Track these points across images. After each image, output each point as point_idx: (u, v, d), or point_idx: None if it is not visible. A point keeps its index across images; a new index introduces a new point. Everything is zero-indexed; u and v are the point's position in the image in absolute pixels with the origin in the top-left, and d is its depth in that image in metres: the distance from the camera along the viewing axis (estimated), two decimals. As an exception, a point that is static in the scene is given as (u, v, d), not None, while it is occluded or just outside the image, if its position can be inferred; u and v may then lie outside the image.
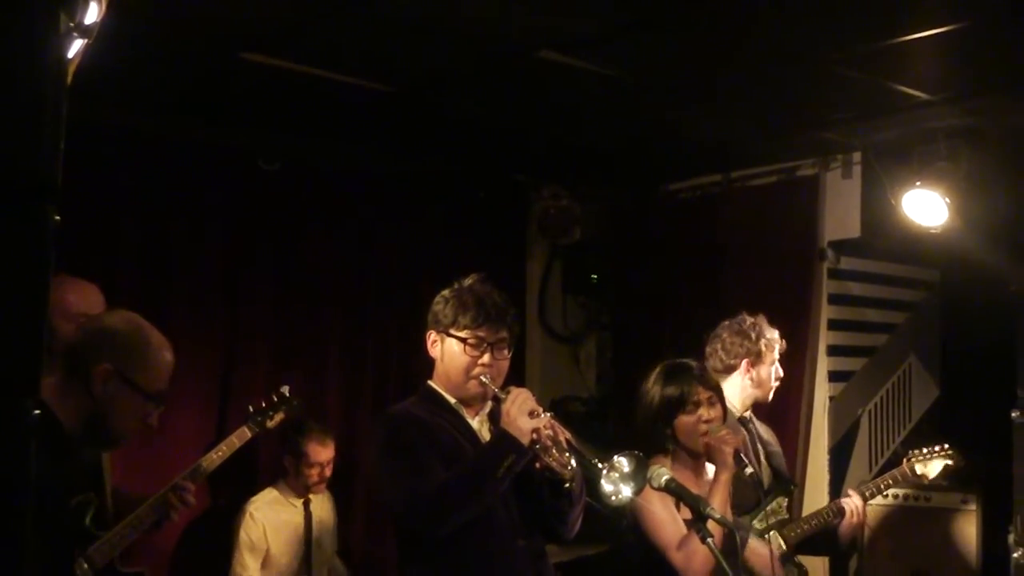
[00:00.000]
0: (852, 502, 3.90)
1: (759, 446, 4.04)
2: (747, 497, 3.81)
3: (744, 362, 4.06)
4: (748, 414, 4.09)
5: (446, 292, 3.05)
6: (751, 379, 4.06)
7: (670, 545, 3.17)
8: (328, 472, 4.81)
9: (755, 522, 3.78)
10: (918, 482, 4.22)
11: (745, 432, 3.94)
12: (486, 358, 2.96)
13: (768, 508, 3.80)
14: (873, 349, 5.92)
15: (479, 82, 4.33)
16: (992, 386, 5.62)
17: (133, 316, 2.54)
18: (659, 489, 2.75)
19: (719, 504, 3.21)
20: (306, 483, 4.75)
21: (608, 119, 4.90)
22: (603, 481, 2.67)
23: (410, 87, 4.37)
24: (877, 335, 5.96)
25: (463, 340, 2.95)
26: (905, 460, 4.09)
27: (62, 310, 3.13)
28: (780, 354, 4.13)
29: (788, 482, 3.97)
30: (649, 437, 3.39)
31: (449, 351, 2.99)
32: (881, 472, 5.67)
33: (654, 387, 3.41)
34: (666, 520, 3.20)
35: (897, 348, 6.09)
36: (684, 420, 3.34)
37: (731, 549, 2.82)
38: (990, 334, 5.66)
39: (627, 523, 3.37)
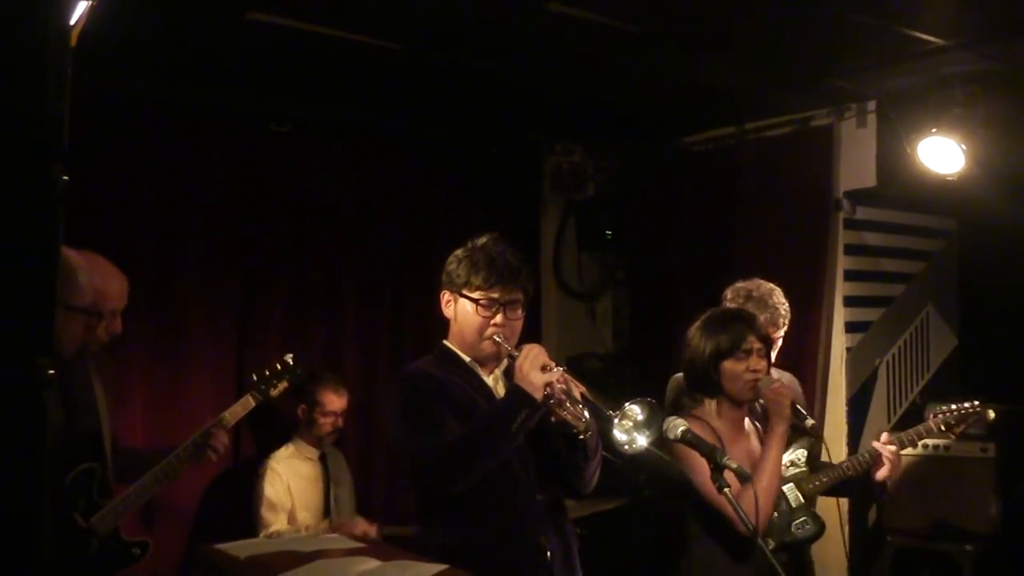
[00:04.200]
0: (887, 449, 3.83)
1: None
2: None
3: None
4: None
5: (459, 252, 3.04)
6: None
7: (724, 500, 3.17)
8: (341, 423, 4.86)
9: None
10: (945, 437, 4.16)
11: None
12: (499, 318, 2.96)
13: (787, 460, 3.80)
14: (890, 299, 5.90)
15: (488, 38, 4.30)
16: (1011, 333, 5.62)
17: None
18: (675, 441, 2.75)
19: (775, 457, 3.21)
20: (319, 433, 4.80)
21: (619, 72, 4.86)
22: (615, 430, 2.67)
23: (419, 44, 4.34)
24: (894, 285, 5.94)
25: (475, 301, 2.95)
26: (932, 416, 4.04)
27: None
28: (778, 329, 4.02)
29: (803, 433, 3.94)
30: (696, 382, 3.40)
31: (462, 311, 2.99)
32: (901, 421, 5.70)
33: (705, 332, 3.40)
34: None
35: (914, 297, 6.07)
36: (731, 367, 3.33)
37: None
38: (1008, 282, 5.64)
39: (675, 472, 3.37)
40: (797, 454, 3.84)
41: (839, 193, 5.44)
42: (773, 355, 3.99)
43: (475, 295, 2.95)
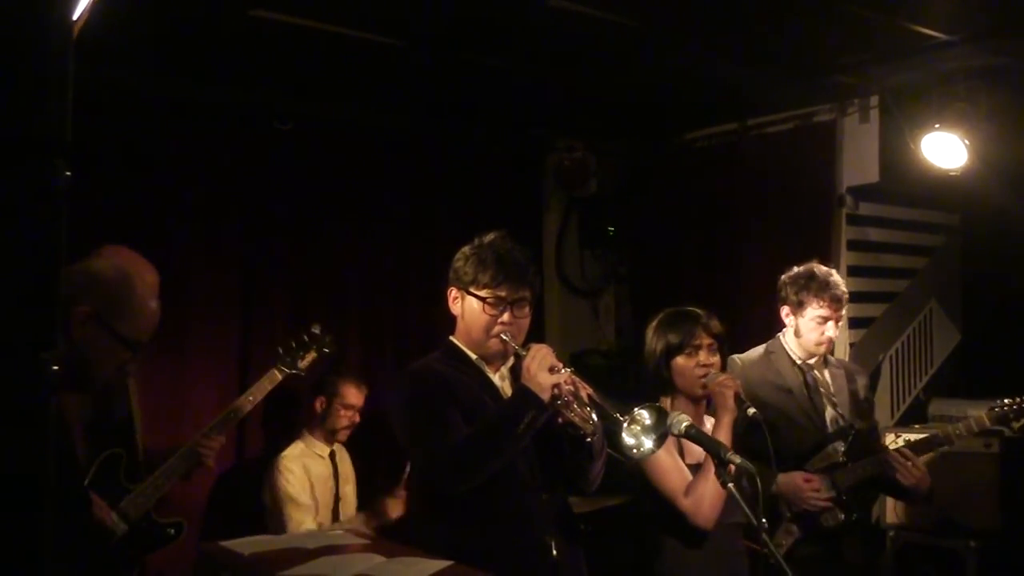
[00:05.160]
0: (899, 458, 3.82)
1: (820, 391, 4.03)
2: (805, 441, 3.82)
3: (786, 308, 4.05)
4: (812, 361, 4.03)
5: (467, 249, 3.03)
6: (792, 329, 4.05)
7: (677, 492, 3.18)
8: (357, 419, 4.85)
9: (807, 465, 3.80)
10: (1004, 428, 4.13)
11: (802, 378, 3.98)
12: (506, 317, 2.95)
13: (822, 453, 3.82)
14: (894, 295, 5.90)
15: (491, 34, 4.30)
16: (1014, 328, 5.61)
17: (121, 260, 2.51)
18: (679, 436, 2.75)
19: None
20: (335, 427, 4.79)
21: (620, 68, 4.85)
22: (624, 434, 2.66)
23: (421, 41, 4.34)
24: (897, 280, 5.94)
25: (483, 299, 2.94)
26: (987, 410, 4.02)
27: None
28: (833, 316, 3.96)
29: (849, 427, 3.94)
30: (651, 380, 3.40)
31: (470, 309, 2.98)
32: (904, 417, 5.70)
33: (657, 330, 3.42)
34: (670, 467, 3.21)
35: (918, 293, 6.06)
36: (681, 363, 3.34)
37: (753, 493, 2.82)
38: (1012, 277, 5.63)
39: (634, 472, 3.38)
40: (834, 445, 3.85)
41: (842, 189, 5.44)
42: (836, 333, 4.00)
43: (483, 293, 2.94)
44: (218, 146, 5.03)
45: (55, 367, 1.32)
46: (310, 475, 4.75)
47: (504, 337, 2.95)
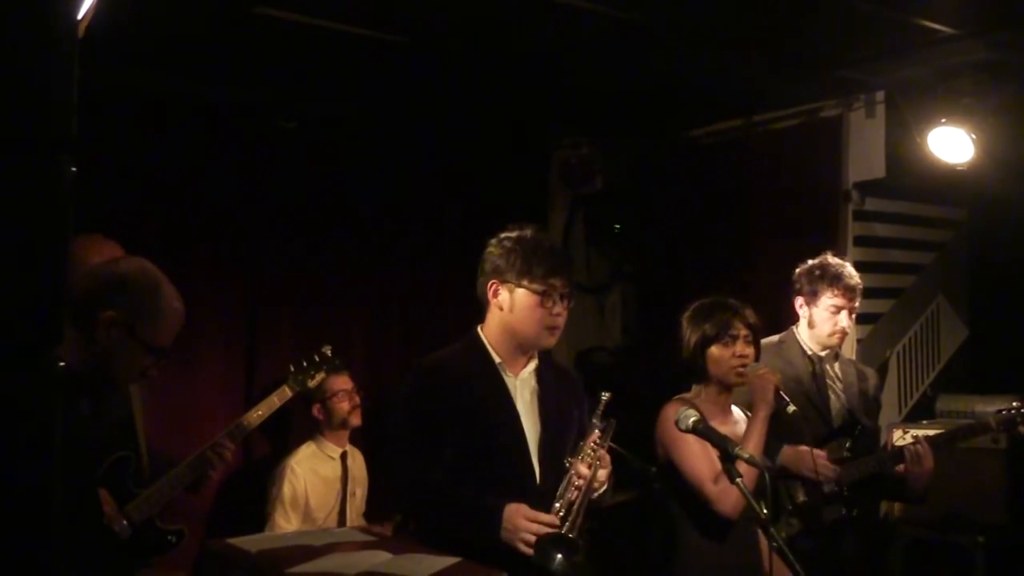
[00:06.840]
0: (915, 448, 3.82)
1: (831, 384, 4.03)
2: (807, 435, 3.82)
3: (800, 299, 4.07)
4: (823, 353, 4.07)
5: (506, 242, 2.98)
6: (806, 319, 4.06)
7: (707, 478, 3.20)
8: (358, 399, 4.85)
9: None
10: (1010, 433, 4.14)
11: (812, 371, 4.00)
12: (558, 308, 2.94)
13: (828, 447, 3.82)
14: (901, 290, 5.88)
15: (496, 30, 4.29)
16: (1022, 324, 5.59)
17: (149, 267, 2.52)
18: (686, 431, 2.75)
19: (756, 441, 3.22)
20: (343, 416, 4.79)
21: (627, 65, 4.84)
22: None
23: (426, 37, 4.34)
24: (905, 276, 5.92)
25: (539, 292, 2.90)
26: (994, 414, 4.02)
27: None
28: (847, 305, 4.03)
29: (855, 423, 3.94)
30: (684, 369, 3.44)
31: (520, 303, 2.93)
32: (912, 412, 5.68)
33: (692, 320, 3.46)
34: (700, 454, 3.22)
35: (925, 288, 6.04)
36: (717, 352, 3.38)
37: (761, 488, 2.83)
38: (1019, 272, 5.62)
39: (659, 464, 3.39)
40: (840, 441, 3.85)
41: (848, 184, 5.42)
42: (849, 323, 4.00)
43: (537, 286, 2.90)
44: (221, 144, 5.02)
45: (61, 364, 1.32)
46: (317, 477, 4.75)
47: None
